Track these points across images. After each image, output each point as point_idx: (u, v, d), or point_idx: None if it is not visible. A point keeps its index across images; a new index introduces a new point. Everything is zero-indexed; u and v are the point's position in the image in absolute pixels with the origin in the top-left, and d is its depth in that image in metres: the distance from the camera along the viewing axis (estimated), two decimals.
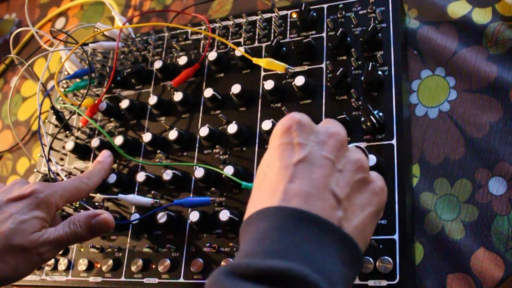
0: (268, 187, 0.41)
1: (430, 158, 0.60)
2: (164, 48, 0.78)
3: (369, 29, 0.62)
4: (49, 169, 0.72)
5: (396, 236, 0.54)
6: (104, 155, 0.68)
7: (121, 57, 0.80)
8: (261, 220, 0.39)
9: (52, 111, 0.80)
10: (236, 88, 0.66)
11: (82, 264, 0.69)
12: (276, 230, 0.37)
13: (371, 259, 0.54)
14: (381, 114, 0.59)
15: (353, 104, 0.61)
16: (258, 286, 0.33)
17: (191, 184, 0.67)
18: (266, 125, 0.62)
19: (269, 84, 0.65)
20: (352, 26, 0.65)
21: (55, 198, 0.58)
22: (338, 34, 0.64)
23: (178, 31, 0.77)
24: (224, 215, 0.60)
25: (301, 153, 0.41)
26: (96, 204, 0.72)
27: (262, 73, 0.69)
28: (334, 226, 0.38)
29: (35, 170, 0.80)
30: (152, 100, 0.72)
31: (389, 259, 0.53)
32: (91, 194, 0.71)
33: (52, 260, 0.72)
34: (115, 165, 0.74)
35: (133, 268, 0.65)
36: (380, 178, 0.45)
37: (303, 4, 0.67)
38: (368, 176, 0.44)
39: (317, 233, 0.37)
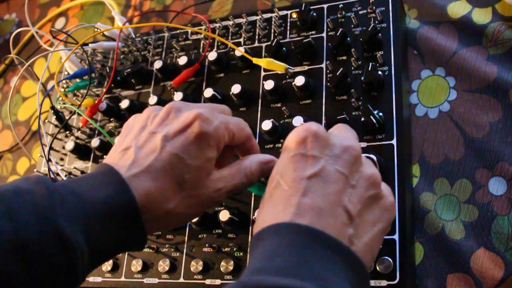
0: (281, 199, 0.41)
1: (430, 158, 0.60)
2: (164, 48, 0.78)
3: (369, 29, 0.62)
4: (49, 169, 0.72)
5: (396, 236, 0.54)
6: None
7: (121, 57, 0.80)
8: (271, 236, 0.39)
9: (52, 111, 0.80)
10: (236, 88, 0.66)
11: None
12: (287, 248, 0.37)
13: None
14: (381, 114, 0.59)
15: (353, 104, 0.61)
16: None
17: None
18: (266, 125, 0.62)
19: (269, 84, 0.65)
20: (352, 26, 0.65)
21: (222, 131, 0.48)
22: (338, 34, 0.64)
23: (178, 31, 0.77)
24: (224, 215, 0.60)
25: (315, 167, 0.41)
26: None
27: (262, 73, 0.69)
28: (344, 246, 0.38)
29: (35, 170, 0.80)
30: (152, 100, 0.72)
31: (389, 259, 0.53)
32: None
33: None
34: None
35: (133, 268, 0.65)
36: (391, 192, 0.45)
37: (303, 4, 0.67)
38: (380, 192, 0.43)
39: (328, 253, 0.37)
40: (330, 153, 0.42)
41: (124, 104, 0.74)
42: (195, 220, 0.62)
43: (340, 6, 0.67)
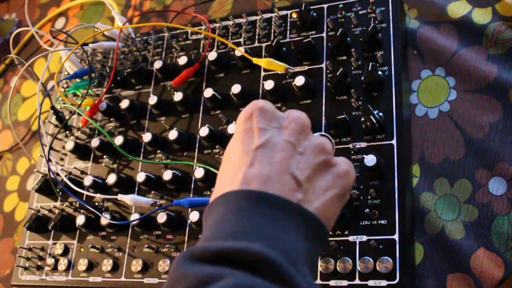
0: (230, 172, 0.42)
1: (430, 158, 0.60)
2: (164, 48, 0.78)
3: (369, 29, 0.62)
4: (49, 169, 0.72)
5: (396, 236, 0.54)
6: None
7: (121, 57, 0.80)
8: (221, 205, 0.40)
9: (52, 111, 0.80)
10: (236, 88, 0.66)
11: (82, 264, 0.69)
12: (235, 213, 0.38)
13: (371, 259, 0.54)
14: (381, 114, 0.59)
15: (353, 104, 0.61)
16: (217, 267, 0.34)
17: (191, 184, 0.67)
18: None
19: (269, 84, 0.65)
20: (352, 26, 0.65)
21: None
22: (338, 34, 0.64)
23: (178, 31, 0.77)
24: None
25: (261, 138, 0.42)
26: (96, 204, 0.72)
27: (262, 73, 0.69)
28: (293, 203, 0.39)
29: (35, 170, 0.80)
30: (152, 100, 0.72)
31: (389, 259, 0.53)
32: (90, 194, 0.71)
33: (52, 260, 0.72)
34: (115, 165, 0.74)
35: (133, 268, 0.65)
36: (346, 162, 0.45)
37: (303, 4, 0.67)
38: (330, 159, 0.44)
39: (276, 212, 0.38)
40: (277, 125, 0.43)
41: (124, 104, 0.74)
42: (195, 220, 0.62)
43: (340, 6, 0.66)
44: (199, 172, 0.64)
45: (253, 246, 0.34)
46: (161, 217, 0.64)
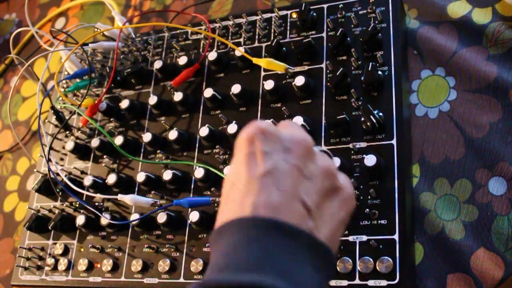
0: (237, 199, 0.40)
1: (430, 158, 0.60)
2: (164, 48, 0.78)
3: (369, 29, 0.62)
4: (49, 169, 0.72)
5: (396, 236, 0.54)
6: None
7: (121, 57, 0.80)
8: (231, 231, 0.38)
9: (52, 111, 0.80)
10: (236, 88, 0.66)
11: (82, 264, 0.69)
12: (247, 242, 0.37)
13: (371, 259, 0.54)
14: (381, 114, 0.59)
15: (353, 104, 0.61)
16: None
17: (191, 184, 0.67)
18: None
19: (269, 84, 0.65)
20: (352, 26, 0.65)
21: None
22: (338, 34, 0.64)
23: (178, 31, 0.77)
24: None
25: (267, 164, 0.40)
26: (96, 204, 0.72)
27: (262, 73, 0.69)
28: (306, 232, 0.38)
29: (35, 170, 0.80)
30: (152, 100, 0.72)
31: (389, 259, 0.53)
32: (90, 194, 0.71)
33: (52, 260, 0.72)
34: (115, 165, 0.74)
35: (133, 268, 0.65)
36: (349, 183, 0.44)
37: (303, 4, 0.67)
38: (337, 182, 0.43)
39: (288, 242, 0.37)
40: (281, 147, 0.41)
41: (124, 104, 0.74)
42: (195, 220, 0.62)
43: (340, 6, 0.66)
44: (199, 172, 0.64)
45: (268, 280, 0.34)
46: (161, 217, 0.64)
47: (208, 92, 0.68)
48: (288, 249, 0.37)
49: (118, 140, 0.71)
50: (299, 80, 0.63)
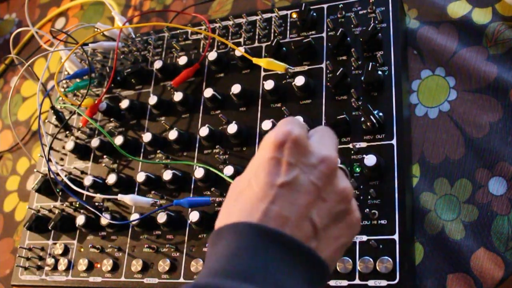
0: (249, 201, 0.40)
1: (430, 158, 0.60)
2: (164, 48, 0.78)
3: (369, 29, 0.62)
4: (49, 169, 0.72)
5: (396, 236, 0.54)
6: None
7: (121, 57, 0.80)
8: (232, 235, 0.39)
9: (52, 111, 0.80)
10: (236, 88, 0.66)
11: (82, 264, 0.69)
12: (246, 250, 0.37)
13: (371, 259, 0.54)
14: (381, 114, 0.59)
15: (353, 104, 0.61)
16: None
17: (191, 184, 0.67)
18: (266, 125, 0.63)
19: (269, 84, 0.65)
20: (352, 26, 0.65)
21: None
22: (338, 34, 0.64)
23: (178, 31, 0.77)
24: None
25: (289, 175, 0.40)
26: (96, 204, 0.72)
27: (262, 73, 0.69)
28: (306, 248, 0.38)
29: (35, 170, 0.80)
30: (152, 100, 0.72)
31: (389, 259, 0.53)
32: (90, 194, 0.71)
33: (52, 260, 0.72)
34: (115, 165, 0.74)
35: (133, 268, 0.65)
36: (357, 208, 0.44)
37: (303, 4, 0.67)
38: (349, 208, 0.43)
39: (290, 256, 0.37)
40: (306, 162, 0.41)
41: (124, 104, 0.74)
42: (195, 220, 0.62)
43: (340, 6, 0.66)
44: (199, 172, 0.64)
45: None
46: (161, 217, 0.64)
47: (208, 92, 0.68)
48: (288, 263, 0.37)
49: (118, 140, 0.71)
50: (299, 80, 0.63)
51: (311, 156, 0.41)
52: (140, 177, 0.68)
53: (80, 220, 0.70)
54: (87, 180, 0.72)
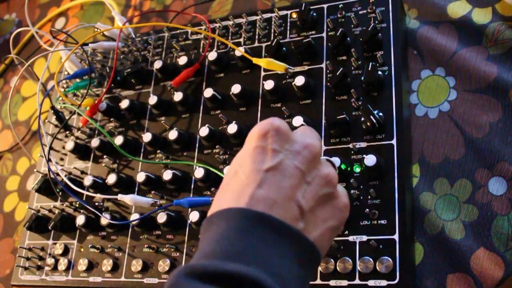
0: (237, 188, 0.42)
1: (430, 158, 0.60)
2: (164, 48, 0.78)
3: (369, 29, 0.62)
4: (49, 169, 0.72)
5: (396, 236, 0.54)
6: None
7: (121, 57, 0.80)
8: (222, 220, 0.40)
9: (52, 111, 0.80)
10: (236, 88, 0.66)
11: (82, 264, 0.69)
12: (235, 232, 0.39)
13: (371, 259, 0.54)
14: (381, 114, 0.59)
15: (353, 104, 0.61)
16: None
17: (191, 184, 0.67)
18: None
19: (269, 84, 0.65)
20: (352, 26, 0.65)
21: None
22: (338, 34, 0.64)
23: (178, 31, 0.77)
24: None
25: (273, 160, 0.42)
26: (96, 204, 0.72)
27: (262, 73, 0.69)
28: (294, 229, 0.40)
29: (35, 170, 0.80)
30: (152, 100, 0.72)
31: (389, 259, 0.53)
32: (90, 194, 0.71)
33: (52, 260, 0.72)
34: (115, 165, 0.74)
35: (133, 268, 0.65)
36: (346, 194, 0.46)
37: (303, 4, 0.67)
38: (335, 192, 0.45)
39: (276, 236, 0.39)
40: (290, 148, 0.43)
41: (124, 104, 0.74)
42: (195, 220, 0.62)
43: (340, 6, 0.66)
44: (199, 172, 0.64)
45: (251, 271, 0.35)
46: (161, 217, 0.64)
47: (208, 92, 0.68)
48: (275, 243, 0.39)
49: (118, 140, 0.71)
50: (299, 80, 0.63)
51: (295, 143, 0.44)
52: (140, 177, 0.68)
53: (80, 220, 0.70)
54: (87, 180, 0.72)
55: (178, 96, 0.70)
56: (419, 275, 0.56)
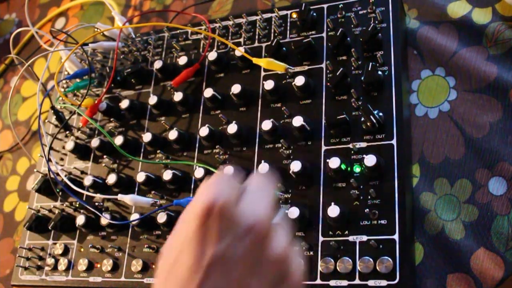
0: (180, 282, 0.38)
1: (430, 158, 0.60)
2: (164, 48, 0.78)
3: (369, 29, 0.62)
4: (49, 169, 0.72)
5: (396, 236, 0.54)
6: None
7: (121, 57, 0.80)
8: None
9: (52, 111, 0.80)
10: (236, 88, 0.66)
11: (82, 264, 0.69)
12: None
13: (371, 259, 0.54)
14: (381, 114, 0.59)
15: (353, 104, 0.61)
16: None
17: (191, 184, 0.67)
18: (266, 125, 0.63)
19: (269, 84, 0.65)
20: (352, 26, 0.65)
21: None
22: (338, 34, 0.64)
23: (178, 31, 0.77)
24: None
25: (217, 249, 0.38)
26: (96, 204, 0.72)
27: (262, 73, 0.69)
28: None
29: (35, 170, 0.80)
30: (152, 100, 0.72)
31: (389, 259, 0.53)
32: (90, 194, 0.71)
33: (52, 260, 0.72)
34: (115, 165, 0.74)
35: (133, 268, 0.65)
36: (299, 269, 0.42)
37: (303, 4, 0.67)
38: (288, 271, 0.40)
39: None
40: (234, 234, 0.39)
41: (124, 104, 0.74)
42: None
43: (340, 6, 0.66)
44: (199, 172, 0.64)
45: None
46: (161, 217, 0.64)
47: (208, 92, 0.68)
48: None
49: (118, 140, 0.71)
50: (299, 80, 0.63)
51: (238, 227, 0.39)
52: (140, 177, 0.68)
53: (80, 220, 0.70)
54: (87, 180, 0.72)
55: (178, 96, 0.70)
56: (419, 275, 0.56)
